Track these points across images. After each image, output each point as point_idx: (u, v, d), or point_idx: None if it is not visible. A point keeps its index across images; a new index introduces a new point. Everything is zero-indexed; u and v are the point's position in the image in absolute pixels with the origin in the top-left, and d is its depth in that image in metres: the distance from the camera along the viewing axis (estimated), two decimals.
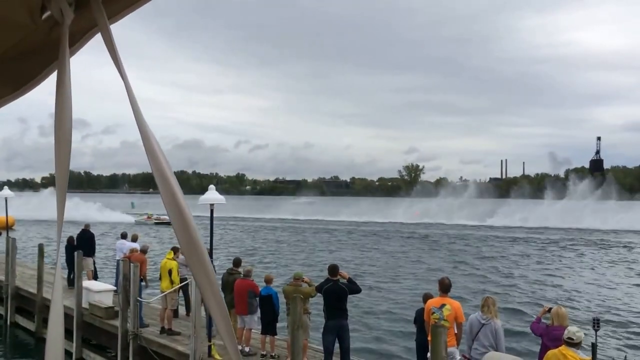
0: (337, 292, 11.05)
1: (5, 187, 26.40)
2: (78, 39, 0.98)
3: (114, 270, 20.91)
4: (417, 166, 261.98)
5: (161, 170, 0.89)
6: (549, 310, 9.08)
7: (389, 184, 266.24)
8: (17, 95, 1.05)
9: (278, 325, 12.68)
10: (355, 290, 11.33)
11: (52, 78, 1.02)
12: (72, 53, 0.96)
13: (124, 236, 19.27)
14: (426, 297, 10.48)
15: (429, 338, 9.24)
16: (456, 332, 9.55)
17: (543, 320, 9.19)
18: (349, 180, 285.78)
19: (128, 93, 0.90)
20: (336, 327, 11.10)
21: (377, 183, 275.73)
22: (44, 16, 0.92)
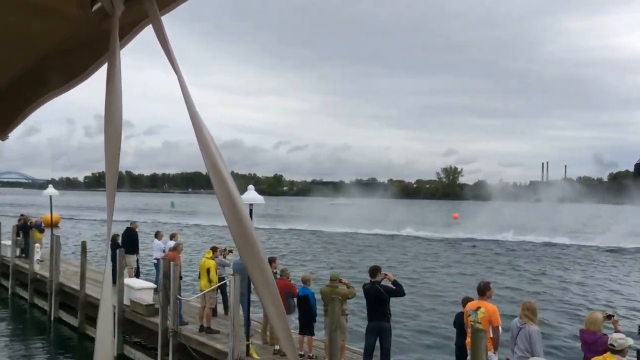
0: (374, 294, 10.97)
1: (50, 185, 27.21)
2: (128, 31, 0.99)
3: (151, 269, 21.19)
4: (456, 169, 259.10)
5: (215, 165, 0.90)
6: (608, 317, 8.84)
7: (427, 186, 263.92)
8: (68, 88, 1.07)
9: (315, 325, 12.65)
10: (398, 293, 11.10)
11: (99, 75, 1.03)
12: (122, 45, 0.97)
13: (157, 236, 19.59)
14: (465, 301, 10.37)
15: (467, 341, 9.14)
16: (492, 335, 9.41)
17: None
18: (386, 182, 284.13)
19: (181, 86, 0.90)
20: (376, 329, 11.03)
21: (415, 185, 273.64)
22: (94, 8, 0.92)
